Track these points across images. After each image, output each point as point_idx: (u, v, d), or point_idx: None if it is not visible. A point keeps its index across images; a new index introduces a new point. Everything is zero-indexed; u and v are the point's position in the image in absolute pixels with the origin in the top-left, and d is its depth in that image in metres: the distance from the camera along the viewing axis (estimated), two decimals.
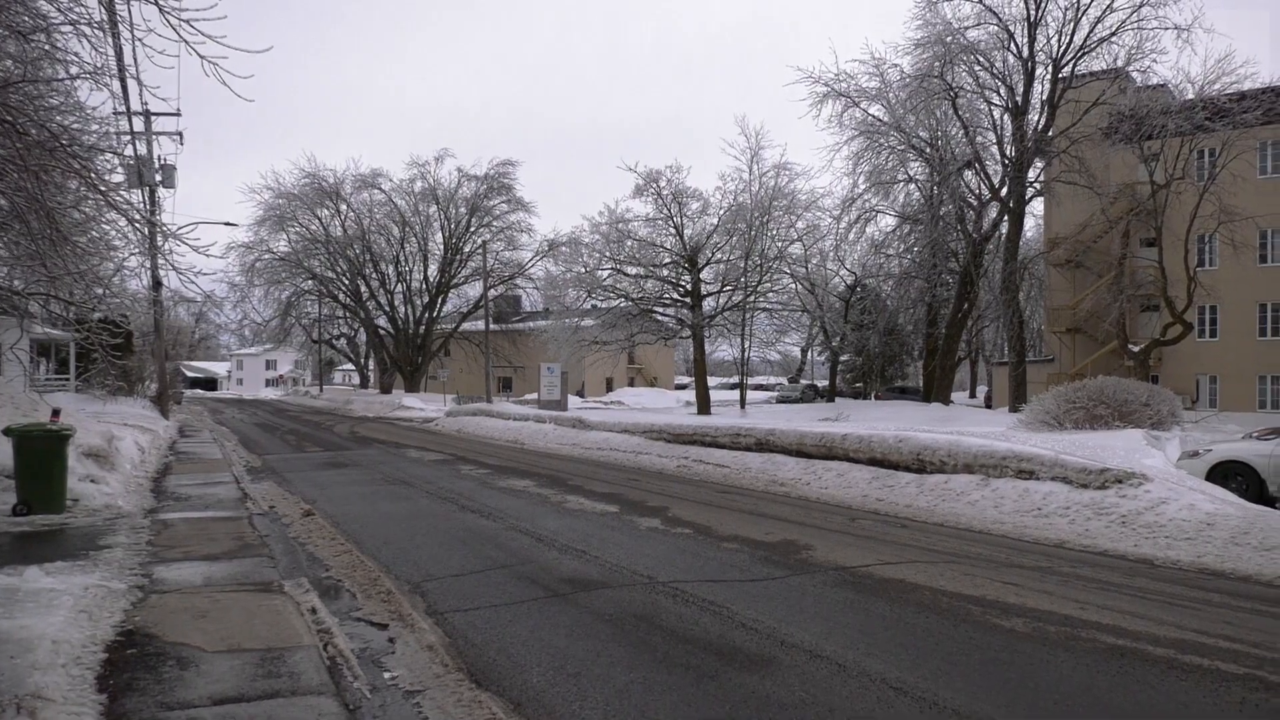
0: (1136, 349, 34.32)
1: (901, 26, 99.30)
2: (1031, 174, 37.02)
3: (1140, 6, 32.29)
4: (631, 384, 72.32)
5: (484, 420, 29.79)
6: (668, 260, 36.98)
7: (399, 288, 55.42)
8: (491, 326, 49.35)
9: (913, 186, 40.74)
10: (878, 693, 4.89)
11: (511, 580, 7.68)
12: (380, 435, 27.88)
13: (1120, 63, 33.45)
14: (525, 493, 13.63)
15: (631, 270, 37.10)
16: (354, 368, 72.00)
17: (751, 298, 36.81)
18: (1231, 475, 13.80)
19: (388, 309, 55.25)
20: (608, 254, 37.01)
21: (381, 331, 56.70)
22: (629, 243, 36.73)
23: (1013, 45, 35.20)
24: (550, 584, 7.53)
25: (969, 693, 4.90)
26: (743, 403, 40.07)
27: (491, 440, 25.89)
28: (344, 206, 54.36)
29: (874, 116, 37.96)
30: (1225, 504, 10.79)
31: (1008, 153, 36.35)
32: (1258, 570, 8.55)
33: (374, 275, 54.80)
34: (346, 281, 54.80)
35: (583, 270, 37.44)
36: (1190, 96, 31.51)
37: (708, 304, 37.27)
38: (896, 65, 37.36)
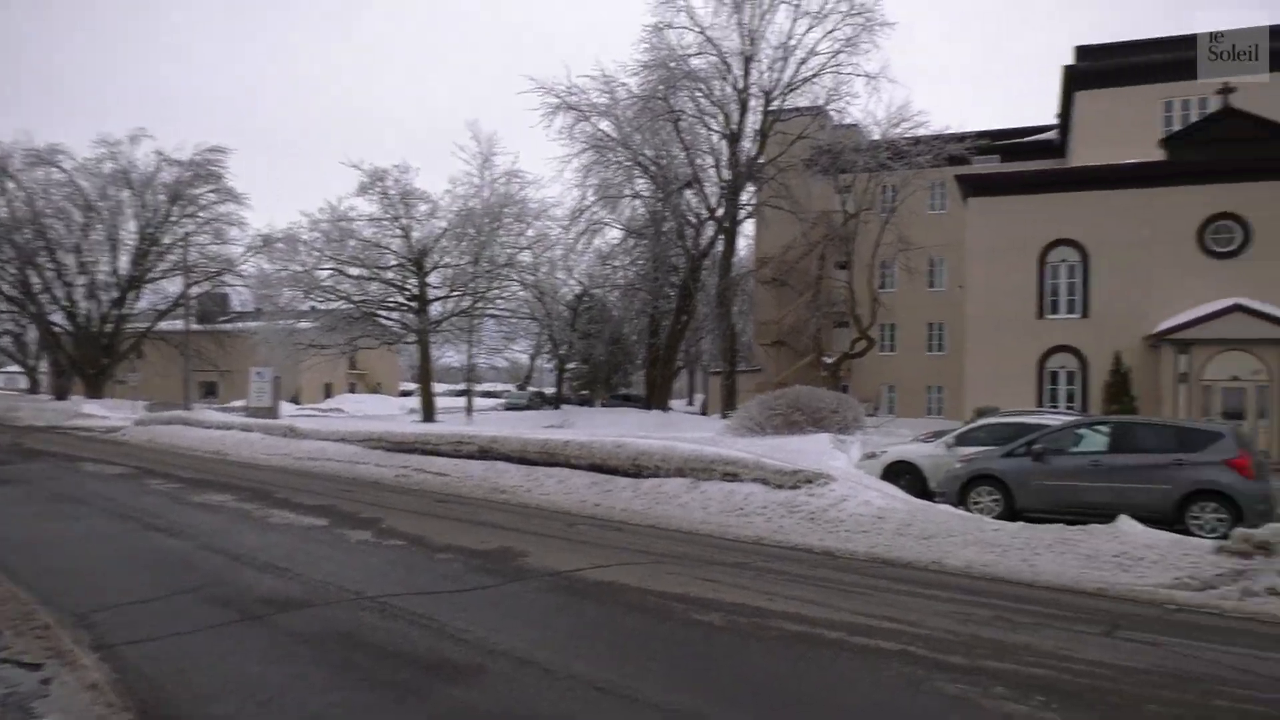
0: (830, 361, 37.98)
1: (630, 48, 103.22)
2: (744, 197, 39.87)
3: (837, 53, 35.93)
4: (353, 390, 69.19)
5: (182, 429, 27.16)
6: (394, 263, 35.77)
7: (81, 280, 49.14)
8: (194, 326, 45.17)
9: (639, 202, 42.41)
10: (583, 694, 4.99)
11: (200, 605, 7.03)
12: (52, 447, 24.57)
13: (821, 101, 36.97)
14: (224, 508, 12.56)
15: (354, 271, 35.47)
16: (22, 370, 62.81)
17: (480, 304, 36.54)
18: (901, 474, 15.59)
19: (66, 303, 48.80)
20: (328, 253, 35.13)
21: (57, 329, 50.02)
22: (352, 242, 35.09)
23: (730, 76, 37.77)
24: (246, 606, 6.97)
25: (667, 686, 5.13)
26: (469, 410, 39.66)
27: (189, 451, 23.65)
28: (11, 184, 47.46)
29: (604, 132, 39.15)
30: (894, 500, 12.19)
31: (724, 176, 38.90)
32: (917, 557, 9.71)
33: (49, 265, 48.20)
34: (14, 271, 47.80)
35: (300, 269, 35.25)
36: (876, 137, 35.50)
37: (435, 309, 36.50)
38: (625, 84, 38.82)
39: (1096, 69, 33.48)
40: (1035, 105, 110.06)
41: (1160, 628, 6.90)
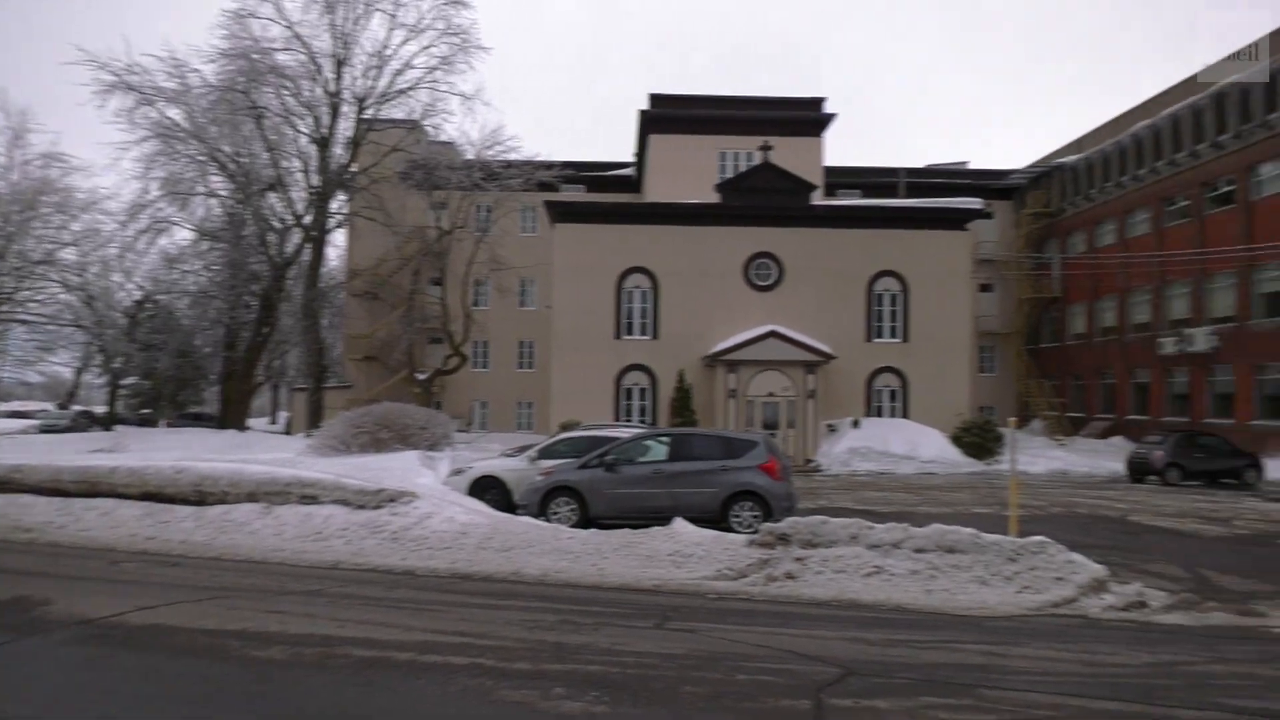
0: (423, 377, 37.74)
1: (207, 32, 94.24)
2: (335, 205, 38.22)
3: (434, 69, 35.94)
4: None
5: None
6: None
7: None
8: None
9: (214, 201, 38.76)
10: None
11: None
12: None
13: (417, 115, 36.69)
14: None
15: None
16: None
17: (6, 307, 30.84)
18: (488, 489, 15.88)
19: None
20: None
21: None
22: None
23: (321, 78, 36.03)
24: None
25: None
26: None
27: None
28: None
29: (172, 120, 35.22)
30: (478, 514, 12.38)
31: (313, 181, 36.97)
32: (497, 569, 9.95)
33: None
34: None
35: None
36: (471, 157, 36.10)
37: None
38: (199, 71, 35.30)
39: (667, 115, 37.31)
40: (620, 141, 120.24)
41: (702, 616, 7.76)
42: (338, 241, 44.07)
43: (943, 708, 5.11)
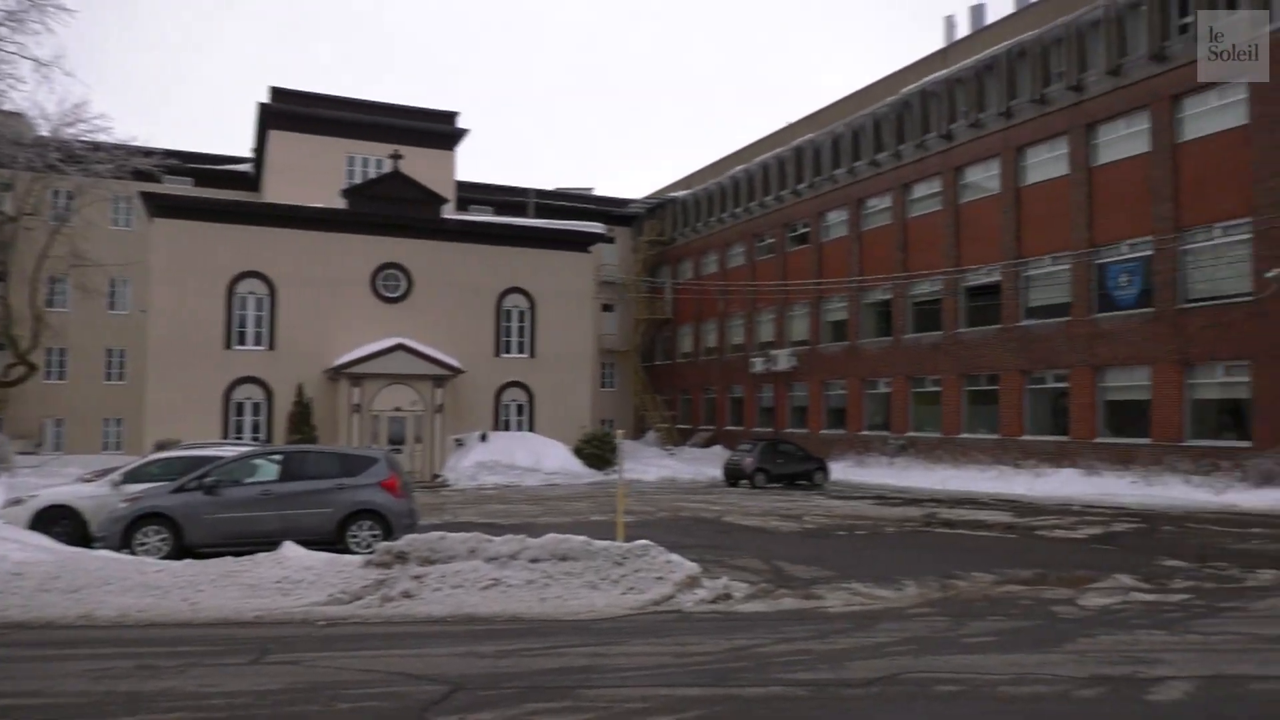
0: None
1: None
2: None
3: None
4: None
5: None
6: None
7: None
8: None
9: None
10: None
11: None
12: None
13: None
14: None
15: None
16: None
17: None
18: (57, 520, 13.69)
19: None
20: None
21: None
22: None
23: None
24: None
25: None
26: None
27: None
28: None
29: None
30: (40, 551, 10.61)
31: None
32: (63, 613, 8.58)
33: None
34: None
35: None
36: (46, 133, 31.05)
37: None
38: None
39: (290, 112, 35.07)
40: (237, 136, 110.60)
41: (308, 645, 7.29)
42: None
43: (545, 712, 5.26)
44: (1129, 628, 7.91)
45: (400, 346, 29.44)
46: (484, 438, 30.04)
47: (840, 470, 30.61)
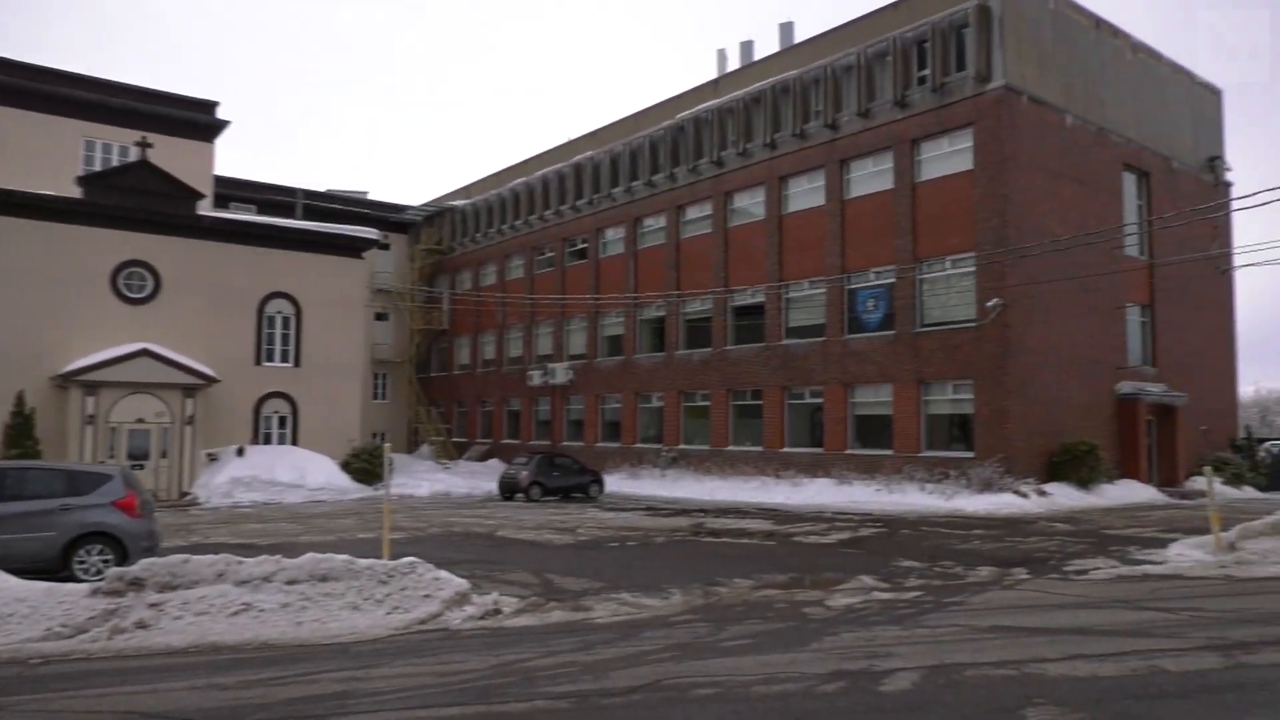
0: None
1: None
2: None
3: None
4: None
5: None
6: None
7: None
8: None
9: None
10: None
11: None
12: None
13: None
14: None
15: None
16: None
17: None
18: None
19: None
20: None
21: None
22: None
23: None
24: None
25: None
26: None
27: None
28: None
29: None
30: None
31: None
32: None
33: None
34: None
35: None
36: None
37: None
38: None
39: (17, 86, 31.20)
40: None
41: (17, 688, 6.45)
42: None
43: None
44: (868, 625, 8.58)
45: (145, 352, 26.89)
46: (241, 452, 28.02)
47: (615, 482, 31.19)
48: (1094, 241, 25.23)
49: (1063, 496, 23.17)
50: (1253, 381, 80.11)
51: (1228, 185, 32.40)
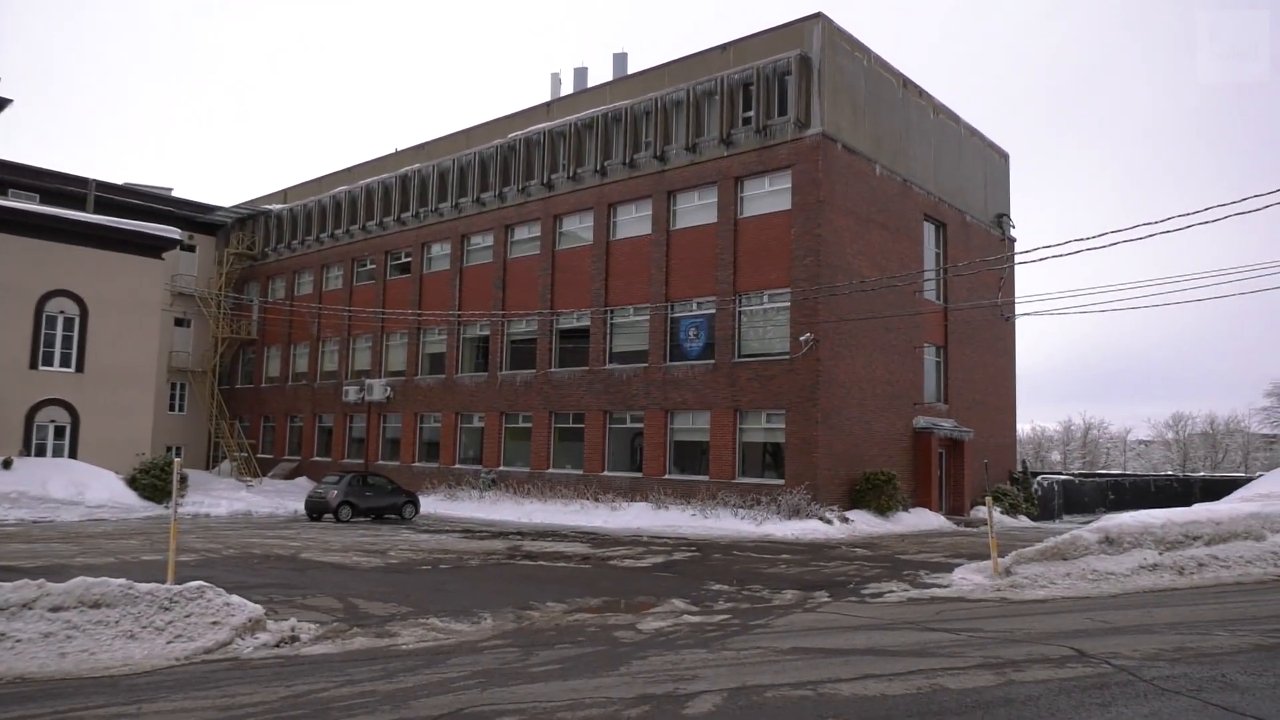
0: None
1: None
2: None
3: None
4: None
5: None
6: None
7: None
8: None
9: None
10: None
11: None
12: None
13: None
14: None
15: None
16: None
17: None
18: None
19: None
20: None
21: None
22: None
23: None
24: None
25: None
26: None
27: None
28: None
29: None
30: None
31: None
32: None
33: None
34: None
35: None
36: None
37: None
38: None
39: None
40: None
41: None
42: None
43: None
44: (676, 648, 8.69)
45: None
46: (8, 464, 25.26)
47: (432, 504, 30.33)
48: (897, 284, 27.07)
49: (863, 523, 24.54)
50: (1029, 419, 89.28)
51: (1012, 240, 35.67)
